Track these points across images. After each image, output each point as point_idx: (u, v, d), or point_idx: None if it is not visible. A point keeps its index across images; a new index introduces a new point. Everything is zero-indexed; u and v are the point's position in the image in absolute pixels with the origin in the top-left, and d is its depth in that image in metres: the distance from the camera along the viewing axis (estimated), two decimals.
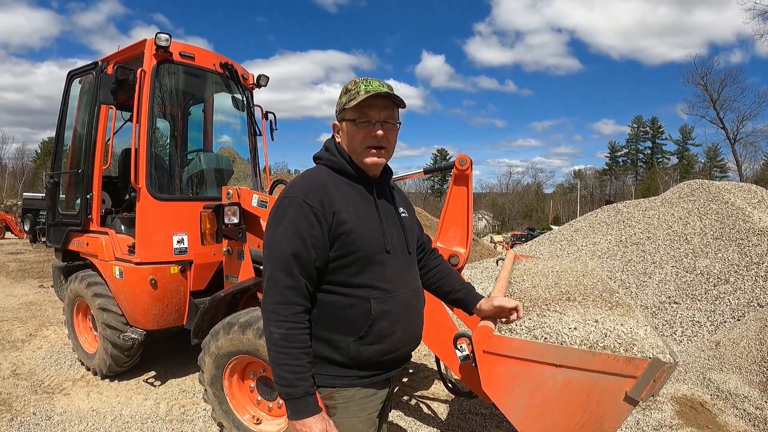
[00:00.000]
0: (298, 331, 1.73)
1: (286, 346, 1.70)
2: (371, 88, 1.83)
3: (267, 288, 1.75)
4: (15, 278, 11.66)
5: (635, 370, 1.72)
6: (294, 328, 1.72)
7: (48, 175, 6.23)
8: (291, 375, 1.69)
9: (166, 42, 4.74)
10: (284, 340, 1.70)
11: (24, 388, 5.05)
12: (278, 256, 1.74)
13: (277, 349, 1.71)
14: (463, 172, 3.75)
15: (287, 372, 1.70)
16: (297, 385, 1.69)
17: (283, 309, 1.72)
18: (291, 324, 1.71)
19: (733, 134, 50.34)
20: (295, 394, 1.69)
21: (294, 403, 1.70)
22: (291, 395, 1.69)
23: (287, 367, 1.70)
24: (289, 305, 1.72)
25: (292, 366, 1.70)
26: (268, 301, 1.74)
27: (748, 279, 6.61)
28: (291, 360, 1.70)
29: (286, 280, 1.72)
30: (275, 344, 1.71)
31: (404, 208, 2.12)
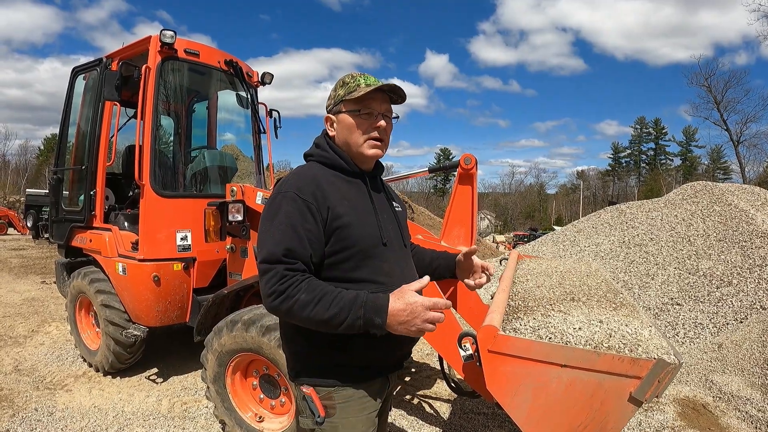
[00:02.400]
0: (313, 281, 1.68)
1: (316, 296, 1.63)
2: (371, 82, 1.85)
3: (266, 279, 1.67)
4: (18, 274, 11.67)
5: (640, 371, 1.72)
6: (309, 281, 1.66)
7: (51, 172, 6.23)
8: (342, 301, 1.63)
9: (171, 39, 4.75)
10: (309, 293, 1.63)
11: (26, 384, 5.06)
12: (272, 251, 1.69)
13: (313, 304, 1.62)
14: (467, 171, 3.76)
15: (337, 304, 1.62)
16: (353, 297, 1.63)
17: (290, 281, 1.64)
18: (306, 281, 1.65)
19: (737, 136, 50.24)
20: (361, 302, 1.62)
21: (370, 308, 1.62)
22: (361, 306, 1.62)
23: (334, 303, 1.62)
24: (293, 276, 1.66)
25: (336, 297, 1.63)
26: (274, 288, 1.65)
27: (751, 281, 6.59)
28: (330, 296, 1.63)
29: (283, 266, 1.66)
30: (308, 303, 1.62)
31: (396, 202, 2.13)
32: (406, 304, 1.60)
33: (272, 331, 3.47)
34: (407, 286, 1.65)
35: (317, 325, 1.65)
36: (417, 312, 1.60)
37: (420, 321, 1.60)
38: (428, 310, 1.61)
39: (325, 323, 1.63)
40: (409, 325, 1.61)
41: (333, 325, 1.63)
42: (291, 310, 1.64)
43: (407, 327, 1.61)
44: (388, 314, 1.61)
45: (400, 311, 1.60)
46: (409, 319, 1.60)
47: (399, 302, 1.61)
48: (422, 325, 1.61)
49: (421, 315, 1.60)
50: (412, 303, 1.60)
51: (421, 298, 1.61)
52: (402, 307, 1.60)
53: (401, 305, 1.60)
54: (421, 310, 1.60)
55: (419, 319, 1.60)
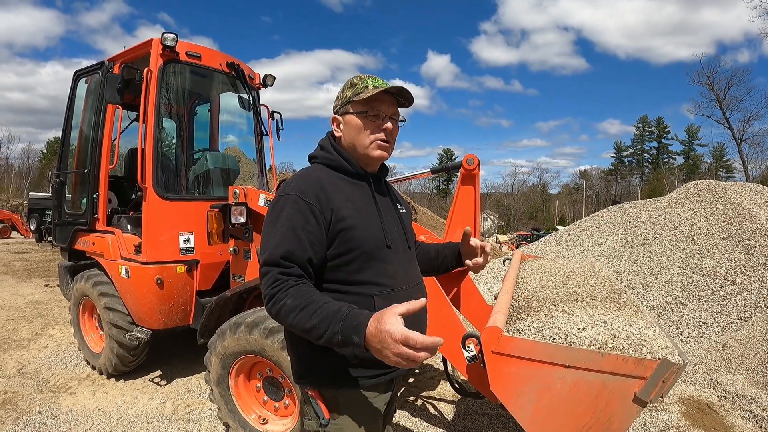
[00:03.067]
0: (303, 287, 1.64)
1: (301, 303, 1.58)
2: (379, 84, 1.85)
3: (263, 283, 1.68)
4: (21, 277, 11.70)
5: (644, 371, 1.71)
6: (298, 287, 1.63)
7: (54, 175, 6.25)
8: (324, 313, 1.54)
9: (173, 42, 4.75)
10: (295, 299, 1.59)
11: (30, 387, 5.07)
12: (271, 253, 1.69)
13: (297, 311, 1.58)
14: (470, 172, 3.75)
15: (319, 315, 1.54)
16: (335, 311, 1.54)
17: (281, 285, 1.63)
18: (295, 287, 1.63)
19: (740, 134, 50.23)
20: (341, 317, 1.51)
21: (348, 325, 1.49)
22: (340, 321, 1.51)
23: (317, 313, 1.55)
24: (285, 280, 1.64)
25: (319, 307, 1.56)
26: (267, 291, 1.65)
27: (755, 280, 6.58)
28: (314, 306, 1.57)
29: (280, 269, 1.66)
30: (292, 309, 1.58)
31: (401, 204, 2.13)
32: (378, 331, 1.42)
33: (276, 333, 3.47)
34: (393, 307, 1.45)
35: (300, 333, 1.60)
36: (386, 342, 1.39)
37: (391, 353, 1.39)
38: (398, 344, 1.38)
39: (308, 332, 1.57)
40: (381, 354, 1.43)
41: (314, 336, 1.55)
42: (279, 314, 1.62)
43: (381, 356, 1.43)
44: (366, 336, 1.46)
45: (372, 336, 1.43)
46: (379, 348, 1.42)
47: (373, 326, 1.44)
48: (394, 359, 1.39)
49: (391, 347, 1.39)
50: (382, 331, 1.40)
51: (392, 328, 1.39)
52: (374, 332, 1.43)
53: (374, 330, 1.43)
54: (390, 342, 1.39)
55: (389, 351, 1.39)
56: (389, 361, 1.41)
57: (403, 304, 1.46)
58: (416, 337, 1.37)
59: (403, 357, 1.38)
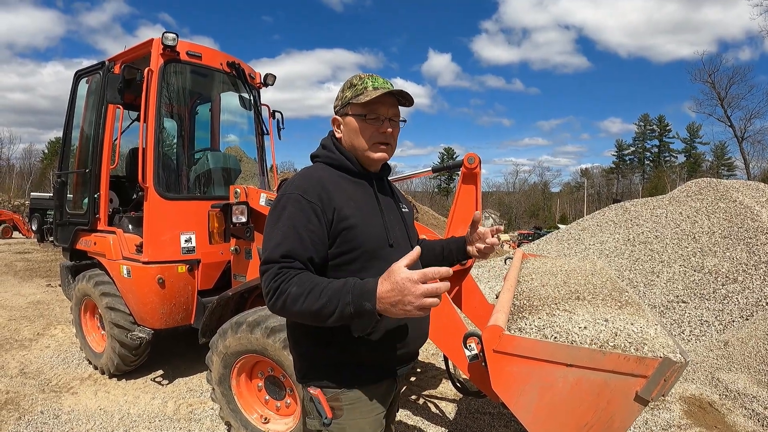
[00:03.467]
0: (305, 274, 1.63)
1: (306, 288, 1.57)
2: (378, 85, 1.83)
3: (264, 279, 1.66)
4: (23, 277, 11.71)
5: (646, 370, 1.71)
6: (300, 275, 1.62)
7: (56, 175, 6.25)
8: (331, 290, 1.55)
9: (173, 41, 4.76)
10: (299, 286, 1.58)
11: (32, 387, 5.08)
12: (271, 251, 1.69)
13: (303, 296, 1.56)
14: (471, 170, 3.75)
15: (326, 294, 1.54)
16: (341, 285, 1.55)
17: (283, 277, 1.61)
18: (297, 276, 1.61)
19: (741, 132, 50.19)
20: (348, 288, 1.53)
21: (358, 293, 1.51)
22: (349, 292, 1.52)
23: (323, 293, 1.55)
24: (285, 273, 1.63)
25: (325, 287, 1.56)
26: (269, 285, 1.62)
27: (756, 278, 6.57)
28: (320, 287, 1.56)
29: (278, 265, 1.65)
30: (298, 296, 1.57)
31: (403, 203, 2.13)
32: (393, 283, 1.45)
33: (277, 332, 3.47)
34: (395, 263, 1.49)
35: (310, 319, 1.59)
36: (406, 288, 1.43)
37: (414, 298, 1.42)
38: (419, 284, 1.42)
39: (317, 315, 1.55)
40: (404, 305, 1.44)
41: (324, 315, 1.54)
42: (285, 305, 1.59)
43: (403, 308, 1.45)
44: (378, 298, 1.47)
45: (388, 291, 1.45)
46: (400, 299, 1.44)
47: (385, 283, 1.47)
48: (419, 301, 1.43)
49: (412, 290, 1.42)
50: (398, 280, 1.44)
51: (407, 272, 1.44)
52: (389, 287, 1.46)
53: (389, 285, 1.46)
54: (409, 286, 1.42)
55: (412, 296, 1.42)
56: (410, 307, 1.44)
57: (402, 259, 1.50)
58: (426, 271, 1.43)
59: (427, 293, 1.42)
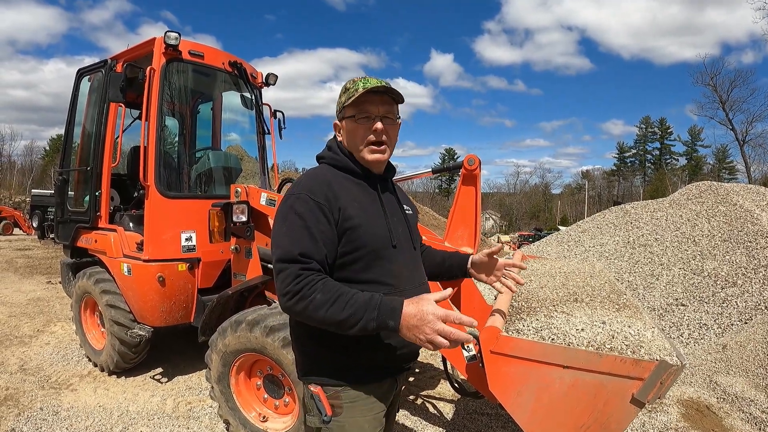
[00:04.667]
0: (329, 282, 1.67)
1: (331, 296, 1.61)
2: (369, 85, 1.83)
3: (282, 279, 1.67)
4: (23, 274, 11.73)
5: (642, 372, 1.72)
6: (324, 282, 1.65)
7: (57, 172, 6.27)
8: (357, 303, 1.61)
9: (176, 40, 4.77)
10: (324, 294, 1.62)
11: (31, 384, 5.09)
12: (288, 250, 1.69)
13: (328, 304, 1.61)
14: (471, 172, 3.76)
15: (352, 306, 1.60)
16: (368, 299, 1.61)
17: (306, 280, 1.64)
18: (321, 282, 1.65)
19: (743, 136, 50.15)
20: (375, 304, 1.60)
21: (384, 311, 1.59)
22: (375, 308, 1.59)
23: (349, 304, 1.60)
24: (310, 276, 1.65)
25: (350, 298, 1.61)
26: (289, 288, 1.64)
27: (755, 282, 6.57)
28: (345, 297, 1.62)
29: (299, 266, 1.67)
30: (323, 303, 1.61)
31: (407, 204, 2.13)
32: (418, 310, 1.55)
33: (276, 331, 3.48)
34: (427, 294, 1.61)
35: (330, 326, 1.64)
36: (427, 320, 1.53)
37: (429, 330, 1.53)
38: (439, 321, 1.52)
39: (339, 324, 1.61)
40: (417, 332, 1.55)
41: (347, 326, 1.61)
42: (306, 310, 1.63)
43: (416, 334, 1.55)
44: (403, 321, 1.57)
45: (411, 316, 1.55)
46: (418, 325, 1.54)
47: (412, 307, 1.57)
48: (432, 335, 1.53)
49: (431, 324, 1.53)
50: (423, 310, 1.54)
51: (434, 307, 1.55)
52: (414, 312, 1.55)
53: (414, 310, 1.56)
54: (431, 319, 1.53)
55: (428, 328, 1.53)
56: (423, 336, 1.55)
57: (434, 293, 1.63)
58: (450, 313, 1.54)
59: (441, 333, 1.52)
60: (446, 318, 1.53)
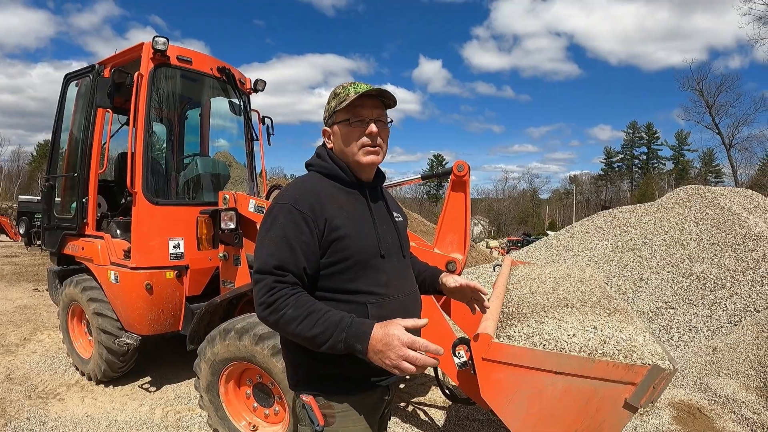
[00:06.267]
0: (302, 296, 1.66)
1: (303, 312, 1.61)
2: (361, 89, 1.82)
3: (257, 290, 1.68)
4: (9, 282, 11.59)
5: (634, 377, 1.72)
6: (298, 297, 1.65)
7: (44, 178, 6.21)
8: (327, 322, 1.60)
9: (164, 45, 4.74)
10: (296, 309, 1.62)
11: (18, 393, 5.01)
12: (264, 261, 1.70)
13: (299, 320, 1.61)
14: (460, 178, 3.75)
15: (322, 324, 1.59)
16: (338, 320, 1.60)
17: (279, 293, 1.64)
18: (294, 296, 1.64)
19: (729, 140, 50.59)
20: (345, 326, 1.59)
21: (352, 334, 1.57)
22: (344, 330, 1.58)
23: (319, 322, 1.60)
24: (284, 289, 1.66)
25: (321, 316, 1.61)
26: (263, 299, 1.65)
27: (744, 284, 6.63)
28: (316, 315, 1.61)
29: (274, 277, 1.67)
30: (294, 319, 1.61)
31: (397, 212, 2.11)
32: (384, 335, 1.53)
33: (265, 339, 3.45)
34: (400, 320, 1.59)
35: (301, 341, 1.65)
36: (392, 345, 1.51)
37: (394, 355, 1.51)
38: (404, 347, 1.51)
39: (309, 341, 1.62)
40: (383, 356, 1.53)
41: (316, 344, 1.62)
42: (278, 322, 1.65)
43: (381, 358, 1.53)
44: (370, 346, 1.55)
45: (378, 340, 1.54)
46: (383, 350, 1.52)
47: (379, 331, 1.55)
48: (397, 360, 1.51)
49: (396, 349, 1.51)
50: (390, 335, 1.53)
51: (401, 332, 1.53)
52: (380, 336, 1.54)
53: (380, 334, 1.54)
54: (397, 344, 1.51)
55: (393, 353, 1.51)
56: (389, 362, 1.52)
57: (408, 319, 1.60)
58: (422, 341, 1.53)
59: (406, 358, 1.50)
60: (412, 344, 1.51)
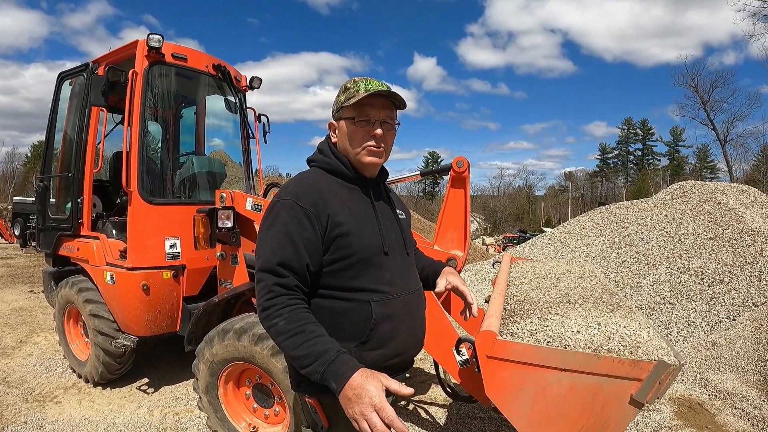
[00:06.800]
0: (299, 311, 1.64)
1: (293, 328, 1.60)
2: (371, 87, 1.79)
3: (258, 291, 1.68)
4: (5, 283, 11.52)
5: (640, 373, 1.71)
6: (294, 310, 1.63)
7: (38, 179, 6.15)
8: (312, 348, 1.58)
9: (158, 43, 4.69)
10: (288, 323, 1.61)
11: (14, 397, 4.97)
12: (267, 260, 1.68)
13: (287, 335, 1.60)
14: (460, 174, 3.73)
15: (307, 348, 1.58)
16: (323, 351, 1.57)
17: (276, 300, 1.63)
18: (290, 308, 1.63)
19: (724, 135, 50.69)
20: (327, 360, 1.55)
21: (331, 371, 1.54)
22: (324, 364, 1.55)
23: (305, 345, 1.58)
24: (282, 295, 1.65)
25: (309, 339, 1.59)
26: (261, 302, 1.65)
27: (742, 279, 6.63)
28: (305, 336, 1.59)
29: (275, 279, 1.65)
30: (282, 332, 1.61)
31: (400, 209, 2.08)
32: (360, 386, 1.50)
33: (265, 339, 3.42)
34: (385, 378, 1.56)
35: (285, 355, 1.68)
36: (362, 401, 1.48)
37: (358, 410, 1.48)
38: (371, 407, 1.47)
39: (292, 359, 1.64)
40: (348, 404, 1.50)
41: (297, 364, 1.62)
42: (269, 330, 1.66)
43: (347, 406, 1.51)
44: (347, 386, 1.51)
45: (352, 388, 1.50)
46: (352, 399, 1.49)
47: (359, 379, 1.51)
48: (359, 417, 1.48)
49: (363, 406, 1.48)
50: (364, 389, 1.49)
51: (376, 392, 1.49)
52: (356, 385, 1.50)
53: (357, 383, 1.50)
54: (366, 402, 1.48)
55: (358, 408, 1.48)
56: (350, 412, 1.50)
57: (396, 382, 1.56)
58: (389, 414, 1.47)
59: (367, 420, 1.46)
60: (380, 411, 1.47)
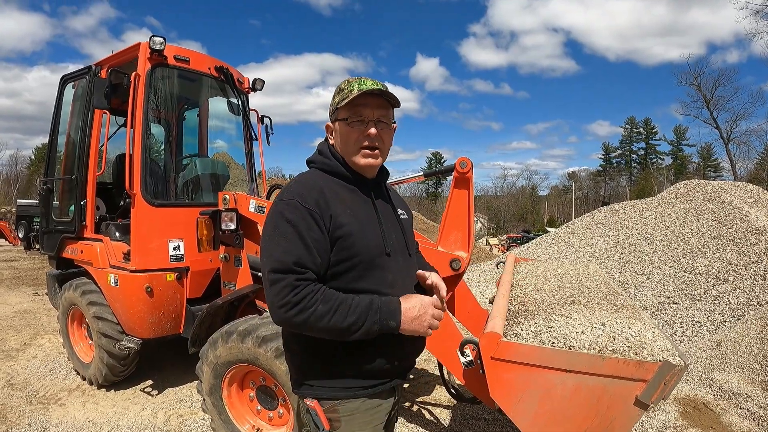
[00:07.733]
0: (328, 292, 1.65)
1: (333, 306, 1.62)
2: (364, 87, 1.77)
3: (277, 291, 1.61)
4: (9, 286, 11.56)
5: (645, 374, 1.70)
6: (323, 291, 1.64)
7: (41, 182, 6.16)
8: (358, 310, 1.65)
9: (161, 45, 4.69)
10: (325, 303, 1.61)
11: (19, 399, 4.98)
12: (280, 260, 1.63)
13: (330, 314, 1.61)
14: (464, 175, 3.72)
15: (354, 313, 1.64)
16: (367, 306, 1.66)
17: (304, 291, 1.60)
18: (320, 291, 1.63)
19: (727, 134, 50.54)
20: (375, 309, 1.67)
21: (384, 313, 1.68)
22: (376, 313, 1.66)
23: (351, 312, 1.63)
24: (308, 287, 1.62)
25: (352, 306, 1.65)
26: (287, 299, 1.59)
27: (747, 278, 6.60)
28: (346, 305, 1.64)
29: (295, 276, 1.62)
30: (325, 314, 1.60)
31: (402, 209, 2.07)
32: (418, 301, 1.74)
33: (268, 341, 3.41)
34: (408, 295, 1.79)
35: (331, 334, 1.65)
36: (426, 307, 1.74)
37: (429, 317, 1.73)
38: (433, 307, 1.76)
39: (341, 332, 1.64)
40: (421, 320, 1.72)
41: (349, 333, 1.64)
42: (307, 321, 1.60)
43: (420, 322, 1.72)
44: (403, 318, 1.69)
45: (412, 308, 1.71)
46: (420, 314, 1.71)
47: (409, 302, 1.72)
48: (431, 320, 1.74)
49: (429, 311, 1.74)
50: (422, 299, 1.75)
51: (428, 297, 1.78)
52: (414, 303, 1.72)
53: (413, 302, 1.73)
54: (429, 304, 1.75)
55: (428, 315, 1.73)
56: (427, 323, 1.74)
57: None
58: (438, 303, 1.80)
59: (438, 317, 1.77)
60: (438, 304, 1.79)
